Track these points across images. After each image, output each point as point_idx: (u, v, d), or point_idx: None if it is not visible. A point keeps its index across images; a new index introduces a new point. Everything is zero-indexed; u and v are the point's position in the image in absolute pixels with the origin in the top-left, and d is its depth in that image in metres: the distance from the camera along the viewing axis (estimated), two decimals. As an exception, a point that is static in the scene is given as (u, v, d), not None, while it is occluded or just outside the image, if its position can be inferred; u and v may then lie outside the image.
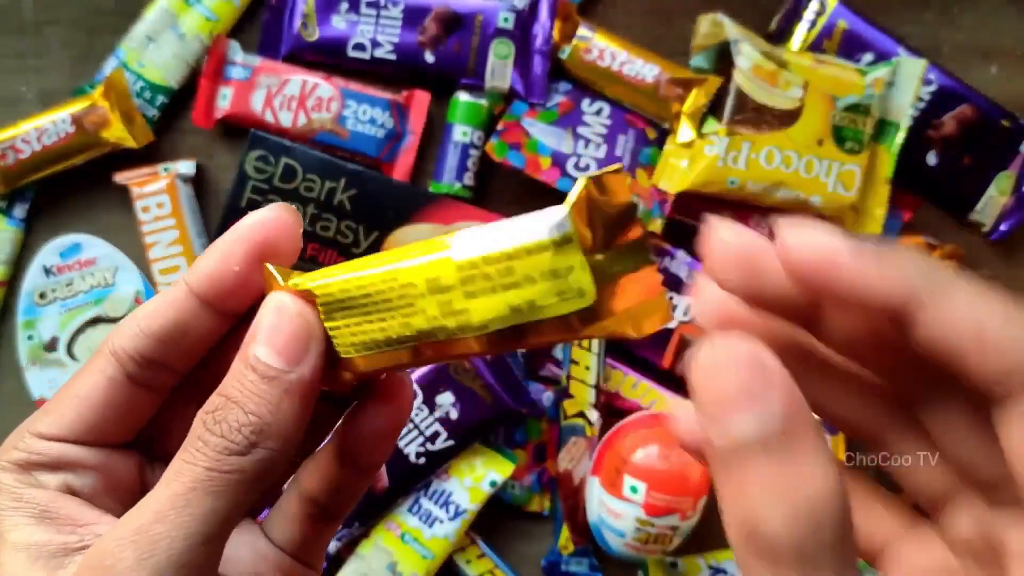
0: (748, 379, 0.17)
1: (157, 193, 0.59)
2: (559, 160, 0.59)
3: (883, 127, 0.60)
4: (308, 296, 0.22)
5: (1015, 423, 0.18)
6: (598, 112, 0.61)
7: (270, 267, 0.23)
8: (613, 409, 0.61)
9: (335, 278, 0.22)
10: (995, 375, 0.17)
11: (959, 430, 0.20)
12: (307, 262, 0.58)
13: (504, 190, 0.63)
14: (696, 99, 0.60)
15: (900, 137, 0.60)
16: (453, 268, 0.20)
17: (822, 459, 0.17)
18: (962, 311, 0.18)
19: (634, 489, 0.55)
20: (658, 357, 0.61)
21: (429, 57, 0.60)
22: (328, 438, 0.27)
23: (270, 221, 0.24)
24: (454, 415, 0.57)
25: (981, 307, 0.18)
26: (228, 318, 0.25)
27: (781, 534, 0.16)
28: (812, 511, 0.16)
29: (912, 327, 0.18)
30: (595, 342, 0.60)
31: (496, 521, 0.61)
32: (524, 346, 0.20)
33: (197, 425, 0.22)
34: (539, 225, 0.19)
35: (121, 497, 0.26)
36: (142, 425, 0.26)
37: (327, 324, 0.22)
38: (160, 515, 0.21)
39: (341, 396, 0.26)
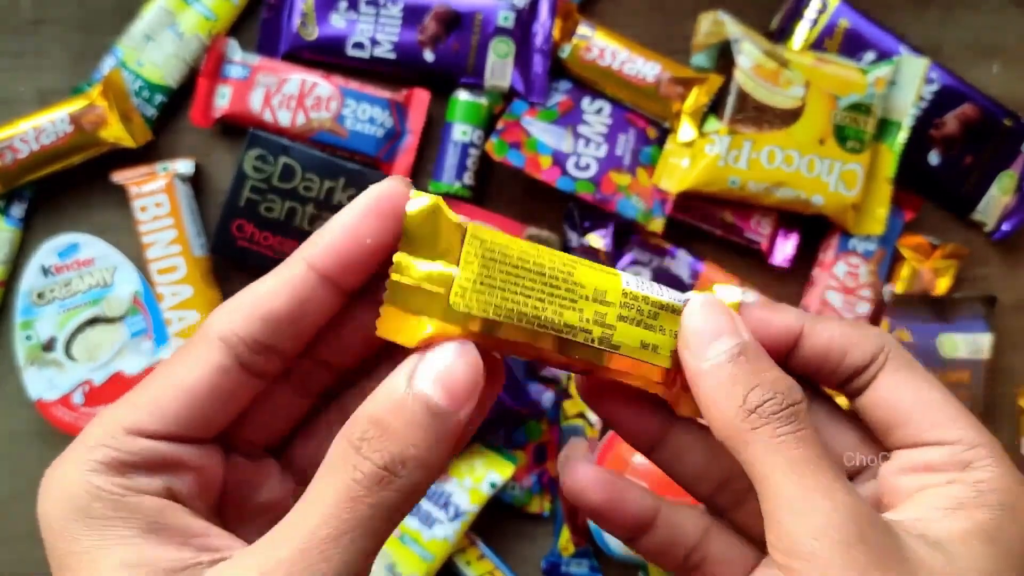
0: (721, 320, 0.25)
1: (155, 192, 0.58)
2: (559, 159, 0.59)
3: (885, 126, 0.60)
4: (461, 230, 0.23)
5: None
6: (598, 111, 0.61)
7: (458, 217, 0.23)
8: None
9: (515, 241, 0.24)
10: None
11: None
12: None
13: (504, 189, 0.63)
14: (697, 98, 0.59)
15: (902, 136, 0.60)
16: (619, 291, 0.24)
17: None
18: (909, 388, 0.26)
19: (635, 490, 0.55)
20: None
21: (429, 56, 0.60)
22: None
23: (395, 193, 0.23)
24: None
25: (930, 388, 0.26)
26: (344, 296, 0.24)
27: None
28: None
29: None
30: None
31: (496, 522, 0.61)
32: (614, 376, 0.25)
33: (348, 452, 0.21)
34: (686, 298, 0.25)
35: (209, 499, 0.24)
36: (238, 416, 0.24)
37: (479, 270, 0.23)
38: (307, 552, 0.20)
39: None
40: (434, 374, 0.22)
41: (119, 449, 0.22)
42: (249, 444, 0.25)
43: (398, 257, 0.23)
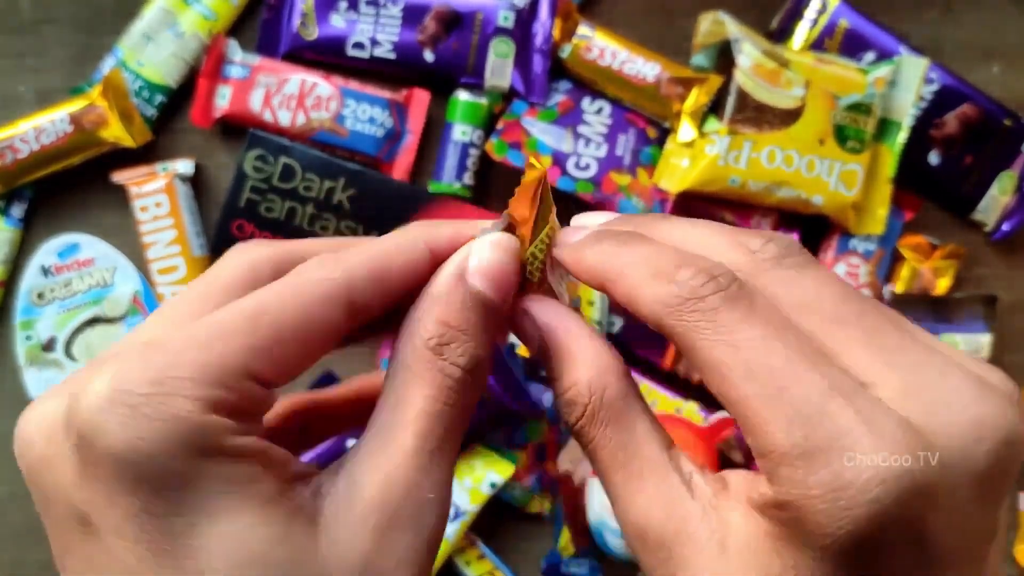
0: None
1: (155, 193, 0.58)
2: (559, 159, 0.59)
3: (885, 126, 0.60)
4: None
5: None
6: (599, 111, 0.61)
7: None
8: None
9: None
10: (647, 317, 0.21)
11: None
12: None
13: (504, 190, 0.62)
14: (697, 98, 0.59)
15: (902, 136, 0.60)
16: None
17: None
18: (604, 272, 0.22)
19: (635, 490, 0.55)
20: (658, 357, 0.61)
21: (429, 56, 0.60)
22: None
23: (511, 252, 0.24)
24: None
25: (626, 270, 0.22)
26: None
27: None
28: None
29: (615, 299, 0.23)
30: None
31: (496, 522, 0.61)
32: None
33: (430, 357, 0.21)
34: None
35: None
36: None
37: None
38: (409, 471, 0.20)
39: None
40: (486, 270, 0.22)
41: (241, 395, 0.20)
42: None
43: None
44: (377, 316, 0.23)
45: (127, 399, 0.18)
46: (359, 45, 0.60)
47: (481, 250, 0.23)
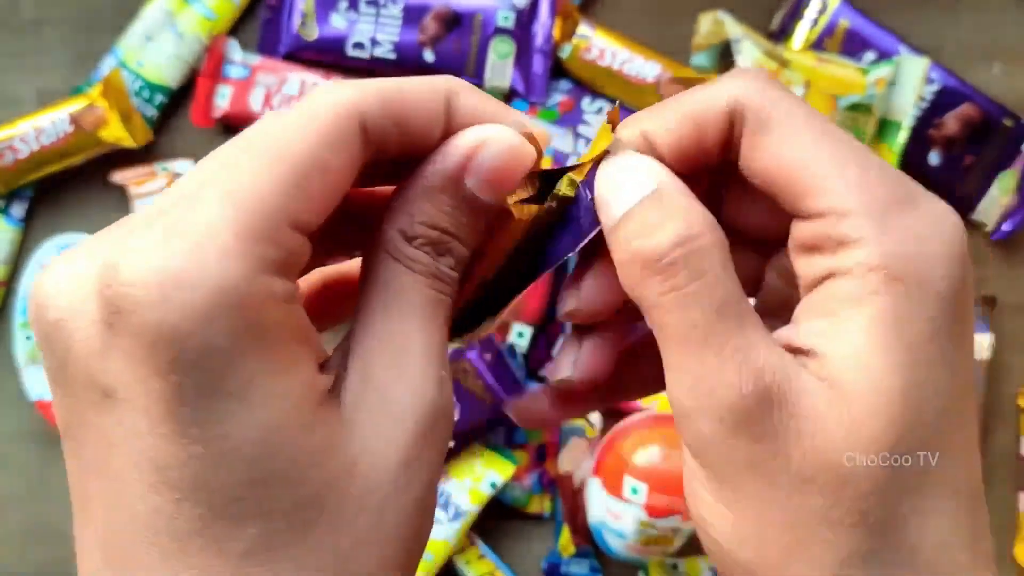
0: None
1: (155, 192, 0.58)
2: (559, 159, 0.59)
3: (885, 126, 0.60)
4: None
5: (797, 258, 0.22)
6: (599, 111, 0.61)
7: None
8: (614, 410, 0.61)
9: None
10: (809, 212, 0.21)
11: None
12: (306, 262, 0.58)
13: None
14: (697, 98, 0.59)
15: (902, 136, 0.60)
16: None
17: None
18: (786, 147, 0.21)
19: (635, 490, 0.55)
20: (659, 357, 0.61)
21: (429, 56, 0.60)
22: None
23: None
24: (454, 416, 0.57)
25: (807, 144, 0.21)
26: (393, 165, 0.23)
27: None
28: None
29: (736, 154, 0.22)
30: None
31: (496, 522, 0.61)
32: None
33: (411, 251, 0.21)
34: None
35: None
36: None
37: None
38: (425, 371, 0.21)
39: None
40: (490, 172, 0.22)
41: (285, 248, 0.18)
42: None
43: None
44: (396, 159, 0.22)
45: (169, 269, 0.17)
46: (359, 45, 0.60)
47: (495, 146, 0.21)
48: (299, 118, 0.19)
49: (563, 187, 0.23)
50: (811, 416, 0.19)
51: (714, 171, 0.24)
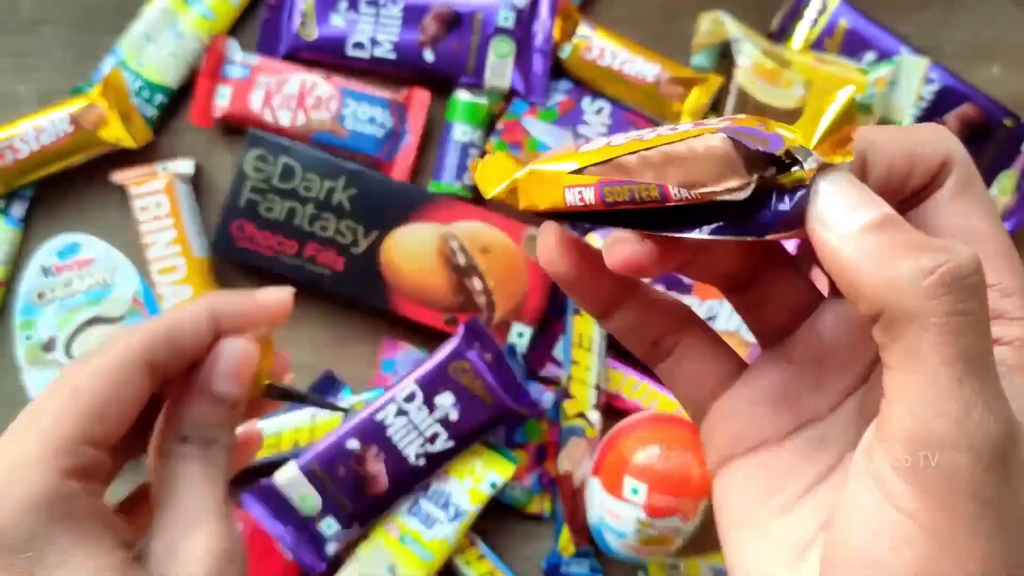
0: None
1: (155, 193, 0.58)
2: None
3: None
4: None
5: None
6: (599, 111, 0.61)
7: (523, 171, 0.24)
8: (614, 410, 0.61)
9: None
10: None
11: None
12: (306, 261, 0.58)
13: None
14: (697, 98, 0.59)
15: (902, 136, 0.60)
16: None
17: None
18: (974, 212, 0.23)
19: (635, 490, 0.55)
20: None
21: (429, 56, 0.60)
22: None
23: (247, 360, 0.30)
24: (454, 416, 0.57)
25: (990, 218, 0.23)
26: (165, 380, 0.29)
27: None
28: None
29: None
30: (595, 343, 0.59)
31: (496, 522, 0.61)
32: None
33: (194, 452, 0.28)
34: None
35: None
36: None
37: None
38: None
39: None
40: (229, 375, 0.30)
41: (80, 457, 0.25)
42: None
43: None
44: (183, 370, 0.29)
45: None
46: (359, 45, 0.60)
47: (225, 353, 0.29)
48: (100, 363, 0.27)
49: (791, 177, 0.21)
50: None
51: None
